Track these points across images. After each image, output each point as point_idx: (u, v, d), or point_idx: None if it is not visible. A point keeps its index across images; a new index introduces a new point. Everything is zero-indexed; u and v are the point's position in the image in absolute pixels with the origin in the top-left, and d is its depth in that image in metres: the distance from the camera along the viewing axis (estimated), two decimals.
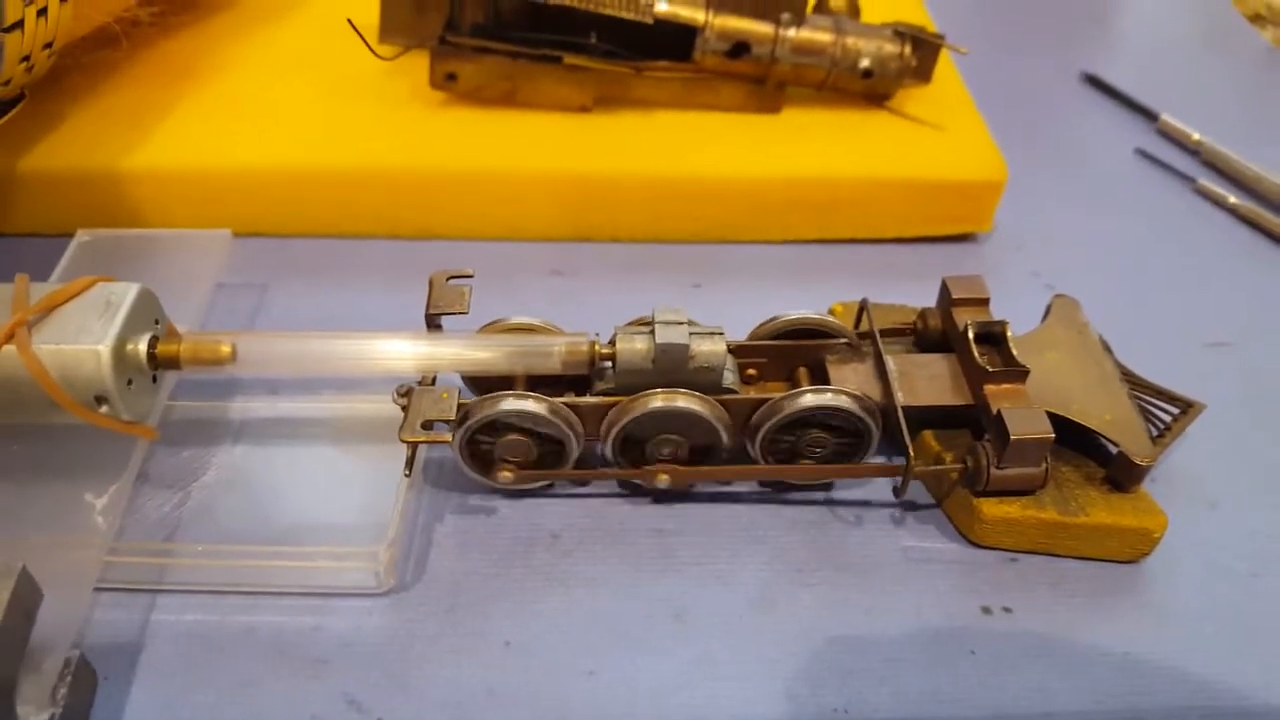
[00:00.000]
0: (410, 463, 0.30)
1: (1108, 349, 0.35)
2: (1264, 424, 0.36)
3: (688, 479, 0.32)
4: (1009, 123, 0.46)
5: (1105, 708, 0.28)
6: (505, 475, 0.31)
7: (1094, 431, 0.32)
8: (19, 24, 0.35)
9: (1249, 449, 0.35)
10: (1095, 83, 0.54)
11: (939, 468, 0.31)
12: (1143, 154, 0.49)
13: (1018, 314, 0.34)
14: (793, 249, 0.43)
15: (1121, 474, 0.31)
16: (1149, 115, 0.51)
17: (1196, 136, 0.49)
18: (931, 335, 0.34)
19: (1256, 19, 0.63)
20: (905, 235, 0.43)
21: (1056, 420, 0.30)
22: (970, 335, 0.32)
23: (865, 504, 0.33)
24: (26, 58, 0.36)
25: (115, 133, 0.41)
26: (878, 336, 0.33)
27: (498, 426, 0.30)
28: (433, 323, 0.32)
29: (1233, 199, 0.46)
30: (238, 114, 0.43)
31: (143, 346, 0.29)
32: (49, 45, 0.38)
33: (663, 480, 0.31)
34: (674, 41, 0.42)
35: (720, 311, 0.33)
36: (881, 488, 0.33)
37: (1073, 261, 0.43)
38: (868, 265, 0.42)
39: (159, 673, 0.28)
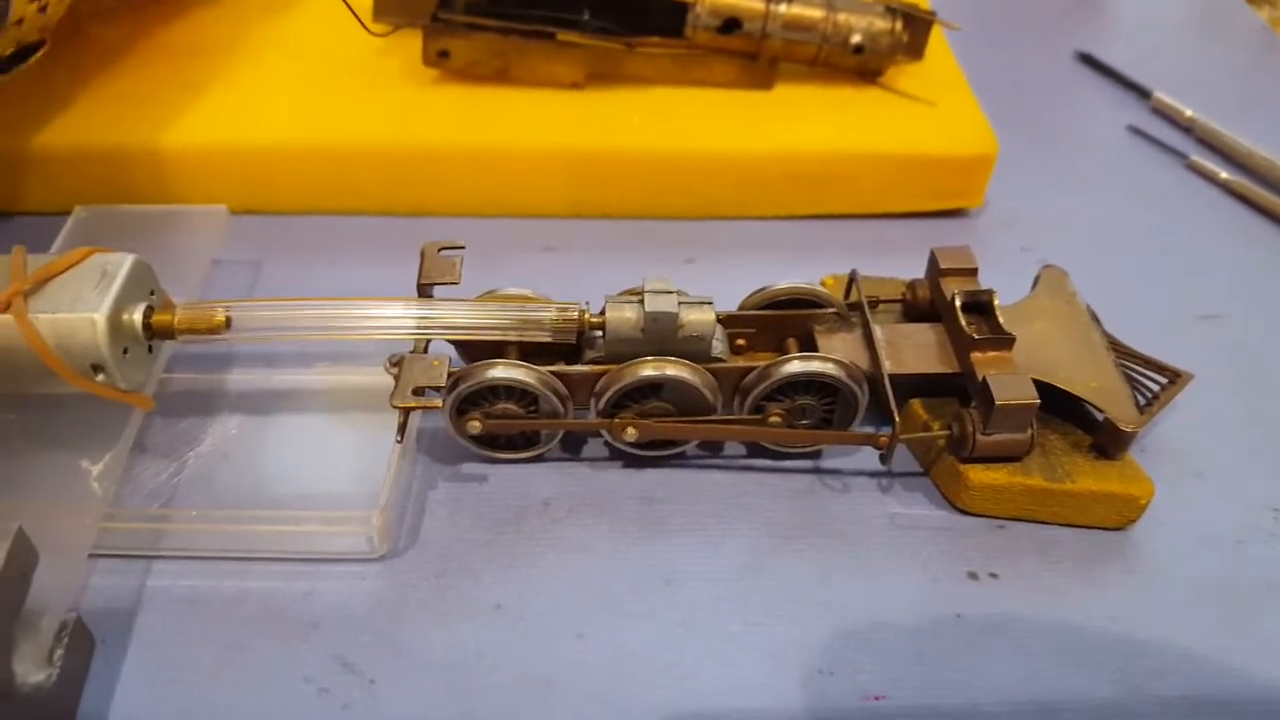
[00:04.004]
0: (402, 429, 0.30)
1: (1096, 319, 0.35)
2: (1252, 395, 0.36)
3: (652, 433, 0.31)
4: (1002, 100, 0.46)
5: (1091, 672, 0.28)
6: (474, 425, 0.31)
7: (1080, 399, 0.32)
8: None
9: (1237, 419, 0.36)
10: (1089, 61, 0.54)
11: (925, 434, 0.32)
12: (1135, 131, 0.49)
13: (1008, 289, 0.34)
14: (785, 224, 0.43)
15: (1108, 441, 0.31)
16: (1142, 93, 0.51)
17: (1189, 113, 0.49)
18: (920, 306, 0.35)
19: None
20: (897, 210, 0.43)
21: (1043, 387, 0.31)
22: (957, 304, 0.32)
23: (853, 472, 0.33)
24: None
25: (113, 111, 0.41)
26: (865, 306, 0.33)
27: (488, 394, 0.31)
28: (424, 292, 0.32)
29: (1224, 174, 0.46)
30: (233, 93, 0.43)
31: (138, 315, 0.30)
32: None
33: (630, 434, 0.31)
34: (666, 17, 0.43)
35: (712, 286, 0.33)
36: (869, 456, 0.33)
37: (1064, 237, 0.43)
38: (860, 240, 0.43)
39: (155, 636, 0.28)
